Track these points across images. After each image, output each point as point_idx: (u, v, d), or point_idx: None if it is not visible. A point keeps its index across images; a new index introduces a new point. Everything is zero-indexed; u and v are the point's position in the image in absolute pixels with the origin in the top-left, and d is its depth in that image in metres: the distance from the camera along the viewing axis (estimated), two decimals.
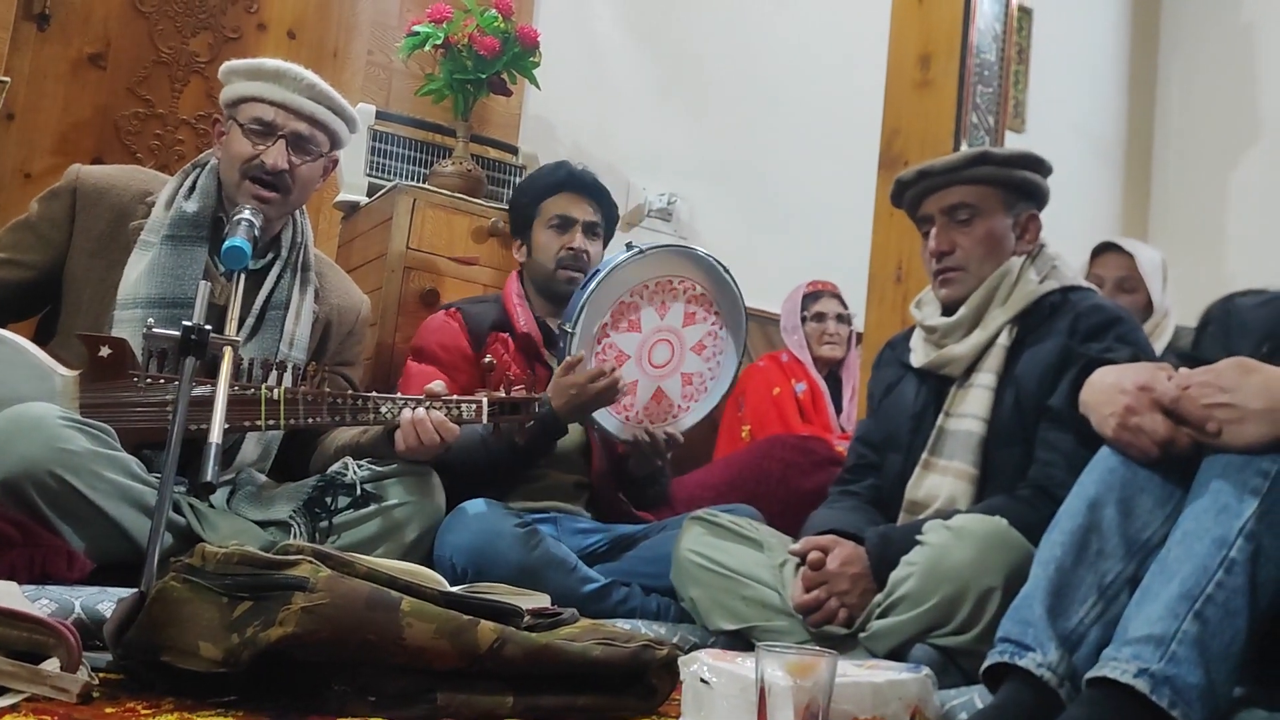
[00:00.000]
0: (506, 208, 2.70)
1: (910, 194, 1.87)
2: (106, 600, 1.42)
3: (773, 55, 3.73)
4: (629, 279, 2.08)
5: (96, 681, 1.12)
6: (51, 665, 1.08)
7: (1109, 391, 1.33)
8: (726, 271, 2.17)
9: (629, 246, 2.09)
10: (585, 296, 2.04)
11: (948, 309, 1.85)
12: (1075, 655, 1.24)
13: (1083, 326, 1.72)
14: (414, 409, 1.81)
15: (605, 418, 2.13)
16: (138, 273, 1.82)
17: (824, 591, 1.68)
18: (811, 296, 3.28)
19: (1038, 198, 1.85)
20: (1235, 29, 4.28)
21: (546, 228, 2.31)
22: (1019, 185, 1.82)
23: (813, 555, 1.70)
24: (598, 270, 2.08)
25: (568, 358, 2.02)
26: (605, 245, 2.40)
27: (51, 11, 2.84)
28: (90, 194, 1.89)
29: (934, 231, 1.83)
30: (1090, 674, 1.18)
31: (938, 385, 1.84)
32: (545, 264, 2.29)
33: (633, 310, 2.09)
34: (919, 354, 1.87)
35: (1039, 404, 1.69)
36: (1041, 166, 1.84)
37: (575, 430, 2.17)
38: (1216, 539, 1.17)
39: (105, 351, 1.71)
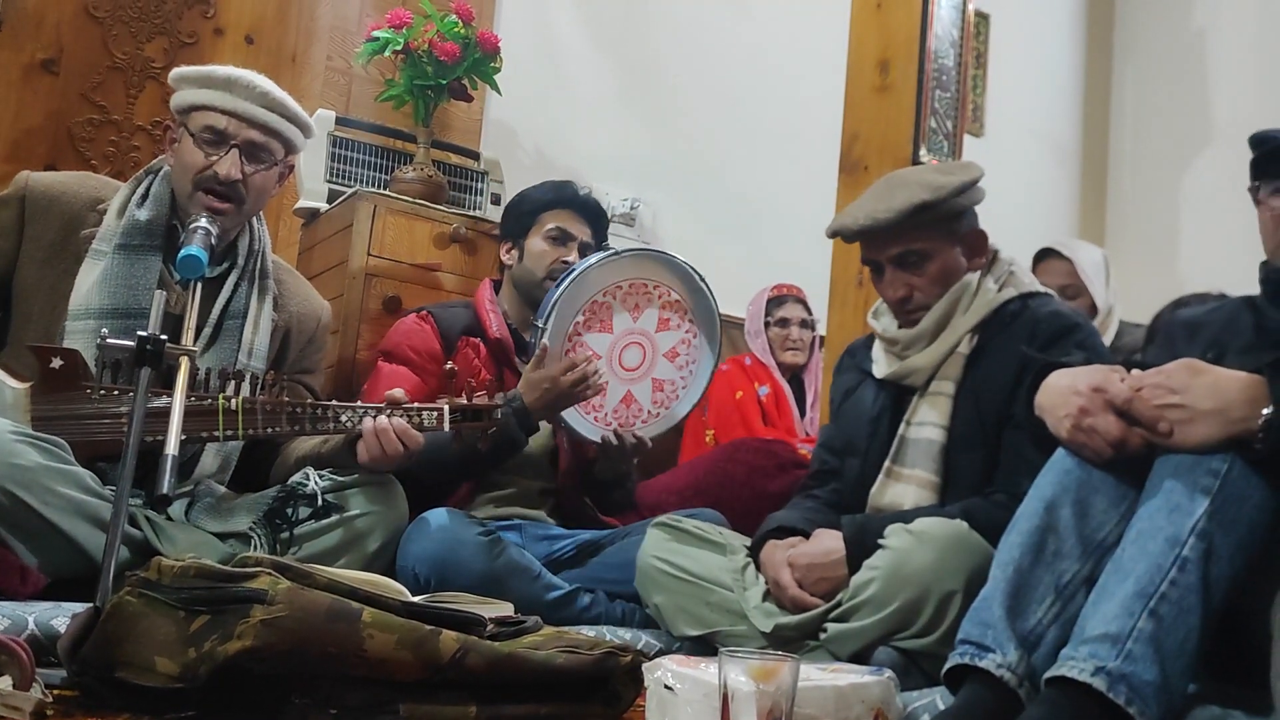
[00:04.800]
0: (468, 214, 2.70)
1: (854, 241, 1.86)
2: (61, 616, 1.40)
3: (733, 60, 3.74)
4: (603, 279, 2.10)
5: (50, 699, 1.10)
6: (4, 683, 1.07)
7: (1063, 394, 1.35)
8: (703, 281, 2.18)
9: (604, 248, 2.11)
10: (559, 293, 2.05)
11: None
12: (1034, 655, 1.26)
13: (1041, 333, 1.74)
14: (375, 417, 1.79)
15: (575, 418, 2.13)
16: (90, 282, 1.79)
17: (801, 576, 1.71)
18: (776, 301, 3.29)
19: (974, 204, 1.84)
20: (1187, 35, 4.36)
21: (544, 237, 2.30)
22: (958, 213, 1.81)
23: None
24: (573, 269, 2.09)
25: (537, 351, 2.01)
26: None
27: (2, 16, 2.79)
28: (40, 202, 1.85)
29: (887, 278, 1.82)
30: (1049, 673, 1.19)
31: (896, 391, 1.86)
32: (535, 271, 2.28)
33: (605, 310, 2.10)
34: (881, 365, 1.88)
35: (999, 411, 1.71)
36: (975, 182, 1.81)
37: (542, 435, 2.17)
38: (1169, 538, 1.19)
39: (57, 363, 1.68)
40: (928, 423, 1.76)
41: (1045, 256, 2.85)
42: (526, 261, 2.31)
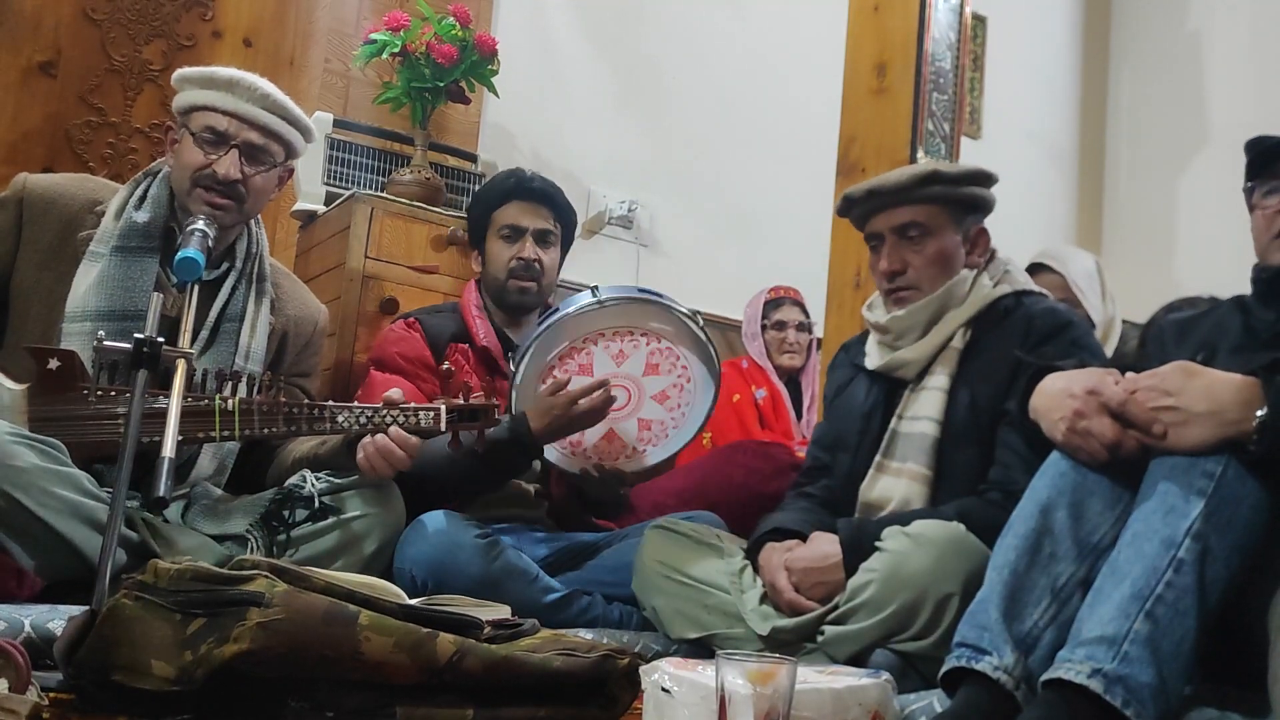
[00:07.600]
0: (466, 216, 2.69)
1: (858, 211, 1.87)
2: (57, 619, 1.40)
3: (730, 63, 3.75)
4: (582, 327, 2.01)
5: (46, 702, 1.10)
6: (0, 686, 1.07)
7: (1058, 397, 1.35)
8: (700, 326, 2.05)
9: (594, 292, 2.01)
10: (534, 337, 1.99)
11: None
12: (1030, 657, 1.26)
13: (1036, 330, 1.74)
14: (372, 428, 1.78)
15: (551, 452, 2.08)
16: (87, 284, 1.79)
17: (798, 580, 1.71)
18: (773, 304, 3.29)
19: (984, 209, 1.86)
20: (1182, 37, 4.37)
21: (497, 238, 2.28)
22: (968, 201, 1.82)
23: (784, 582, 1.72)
24: (556, 310, 2.03)
25: (551, 383, 1.96)
26: (565, 250, 2.37)
27: (0, 18, 2.79)
28: (37, 204, 1.85)
29: (885, 250, 1.82)
30: (1045, 676, 1.20)
31: (888, 386, 1.86)
32: (497, 275, 2.27)
33: (585, 355, 2.03)
34: (873, 357, 1.88)
35: (993, 406, 1.72)
36: (989, 180, 1.84)
37: None
38: (1165, 540, 1.20)
39: (54, 364, 1.68)
40: (921, 416, 1.76)
41: (1035, 271, 2.67)
42: (488, 266, 2.29)
